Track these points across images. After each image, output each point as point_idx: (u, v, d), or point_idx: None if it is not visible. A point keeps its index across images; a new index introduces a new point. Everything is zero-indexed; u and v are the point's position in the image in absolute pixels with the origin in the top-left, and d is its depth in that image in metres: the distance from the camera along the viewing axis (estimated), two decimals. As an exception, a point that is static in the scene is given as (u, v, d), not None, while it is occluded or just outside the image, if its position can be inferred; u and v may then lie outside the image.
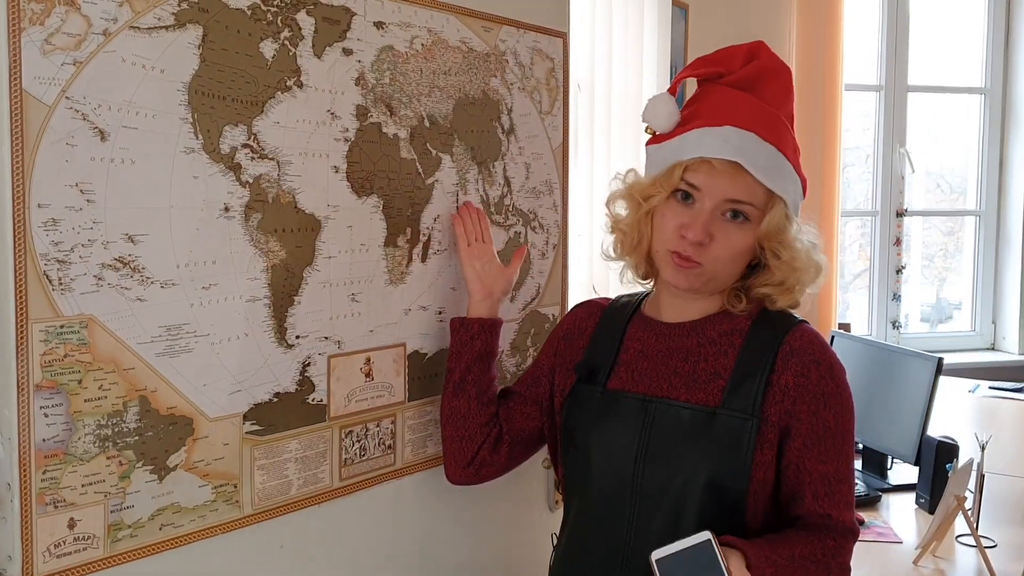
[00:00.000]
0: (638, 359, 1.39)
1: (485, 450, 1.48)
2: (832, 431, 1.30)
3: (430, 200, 1.52)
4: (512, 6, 1.65)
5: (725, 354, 1.33)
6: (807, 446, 1.29)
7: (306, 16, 1.30)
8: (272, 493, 1.32)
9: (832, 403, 1.31)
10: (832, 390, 1.31)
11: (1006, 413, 3.45)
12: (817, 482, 1.29)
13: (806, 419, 1.29)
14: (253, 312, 1.26)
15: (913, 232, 4.52)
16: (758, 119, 1.30)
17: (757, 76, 1.34)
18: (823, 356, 1.32)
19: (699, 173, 1.29)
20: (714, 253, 1.29)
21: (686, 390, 1.33)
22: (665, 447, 1.30)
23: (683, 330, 1.37)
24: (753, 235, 1.31)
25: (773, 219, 1.30)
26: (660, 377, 1.35)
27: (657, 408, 1.33)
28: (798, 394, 1.29)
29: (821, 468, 1.29)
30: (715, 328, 1.36)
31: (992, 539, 2.13)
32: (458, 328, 1.51)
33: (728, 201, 1.29)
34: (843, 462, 1.31)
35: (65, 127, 1.04)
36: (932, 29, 4.50)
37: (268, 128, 1.26)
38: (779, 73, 1.36)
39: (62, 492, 1.07)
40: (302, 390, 1.34)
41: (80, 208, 1.06)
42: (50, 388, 1.05)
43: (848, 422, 1.33)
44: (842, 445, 1.31)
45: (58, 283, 1.05)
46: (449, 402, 1.49)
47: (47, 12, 1.02)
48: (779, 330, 1.34)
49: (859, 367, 2.78)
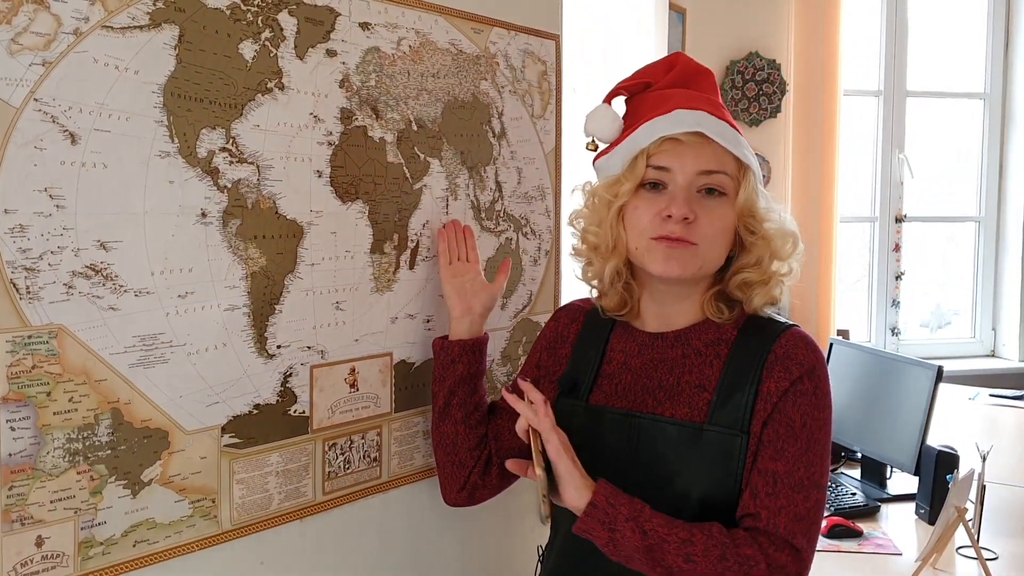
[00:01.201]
0: (621, 372, 1.34)
1: (476, 474, 1.43)
2: (795, 431, 1.21)
3: (418, 206, 1.48)
4: (503, 7, 1.62)
5: (711, 365, 1.28)
6: (765, 442, 1.21)
7: (288, 16, 1.26)
8: (252, 508, 1.28)
9: (802, 402, 1.22)
10: (806, 389, 1.23)
11: (1007, 421, 3.42)
12: (760, 478, 1.20)
13: (773, 415, 1.22)
14: (232, 321, 1.22)
15: (912, 238, 4.48)
16: (700, 102, 1.30)
17: (683, 78, 1.35)
18: (806, 358, 1.24)
19: (665, 153, 1.26)
20: (703, 231, 1.24)
21: (671, 404, 1.28)
22: (651, 466, 1.26)
23: (667, 341, 1.32)
24: (733, 210, 1.27)
25: (748, 189, 1.27)
26: (644, 391, 1.31)
27: (642, 424, 1.28)
28: (778, 398, 1.22)
29: (770, 465, 1.20)
30: (700, 338, 1.31)
31: (993, 551, 2.10)
32: (439, 350, 1.45)
33: (701, 174, 1.25)
34: (801, 467, 1.19)
35: (33, 130, 1.01)
36: (931, 34, 4.47)
37: (248, 132, 1.22)
38: (703, 73, 1.37)
39: (29, 509, 1.03)
40: (283, 401, 1.30)
41: (49, 214, 1.03)
42: (17, 401, 1.01)
43: (818, 429, 1.22)
44: (804, 451, 1.20)
45: (26, 291, 1.01)
46: (436, 427, 1.45)
47: (14, 10, 0.98)
48: (767, 338, 1.27)
49: (858, 375, 2.75)
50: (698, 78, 1.36)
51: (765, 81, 3.97)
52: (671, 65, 1.37)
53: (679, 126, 1.26)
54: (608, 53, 2.76)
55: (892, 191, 4.38)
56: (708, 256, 1.26)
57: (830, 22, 3.99)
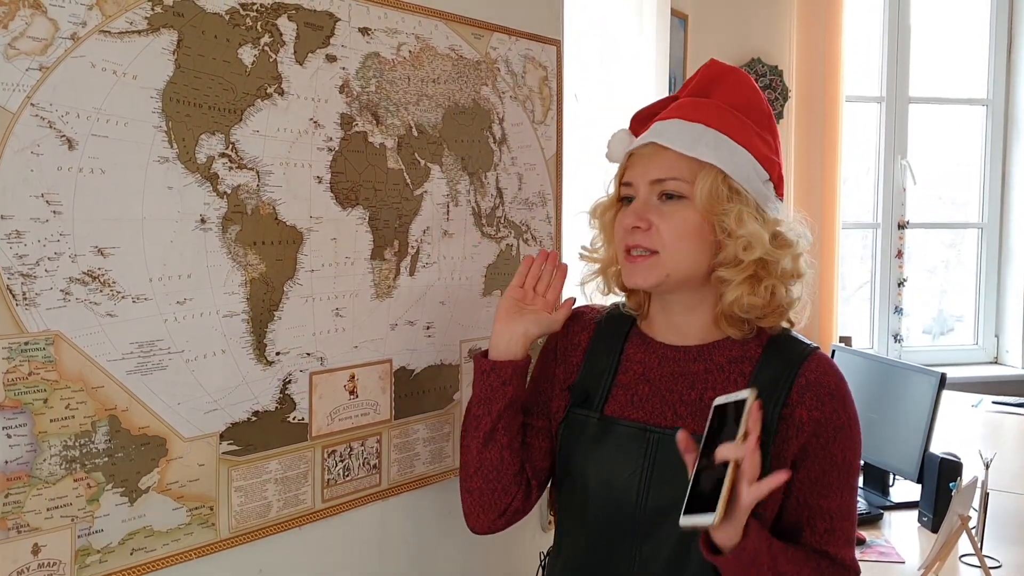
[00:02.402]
0: (638, 383, 1.32)
1: (519, 499, 1.37)
2: (839, 466, 1.24)
3: (419, 212, 1.48)
4: (504, 13, 1.61)
5: (735, 383, 1.25)
6: (812, 480, 1.24)
7: (287, 21, 1.26)
8: (250, 515, 1.27)
9: (842, 436, 1.24)
10: (844, 423, 1.25)
11: (1010, 428, 3.40)
12: (817, 517, 1.24)
13: (814, 453, 1.23)
14: (231, 328, 1.22)
15: (915, 245, 4.48)
16: (684, 108, 1.30)
17: (702, 86, 1.34)
18: (838, 388, 1.26)
19: (629, 168, 1.31)
20: (662, 237, 1.24)
21: (692, 420, 1.25)
22: (671, 482, 1.22)
23: (689, 355, 1.30)
24: (694, 210, 1.24)
25: (705, 186, 1.23)
26: (664, 405, 1.28)
27: (660, 439, 1.25)
28: (812, 429, 1.23)
29: (823, 503, 1.24)
30: (724, 354, 1.29)
31: (997, 559, 2.09)
32: (487, 371, 1.35)
33: (654, 183, 1.26)
34: (847, 496, 1.26)
35: (30, 135, 1.00)
36: (934, 40, 4.46)
37: (247, 137, 1.22)
38: (723, 74, 1.34)
39: (26, 516, 1.02)
40: (282, 408, 1.30)
41: (46, 220, 1.02)
42: (13, 407, 1.01)
43: (855, 457, 1.27)
44: (847, 479, 1.26)
45: (22, 298, 1.01)
46: (479, 454, 1.35)
47: (11, 15, 0.98)
48: (794, 359, 1.26)
49: (860, 382, 2.74)
50: (718, 81, 1.33)
51: (767, 87, 3.96)
52: (696, 75, 1.36)
53: (639, 140, 1.30)
54: (609, 59, 2.75)
55: (894, 197, 4.38)
56: (673, 261, 1.25)
57: (832, 28, 3.99)
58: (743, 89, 1.33)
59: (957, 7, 4.55)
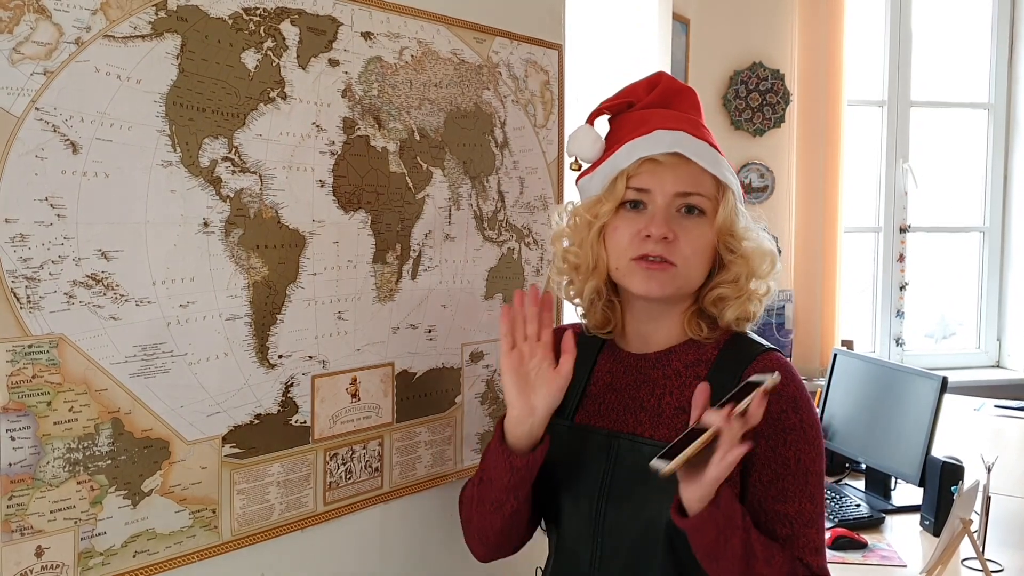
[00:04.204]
0: (606, 392, 1.33)
1: (527, 536, 1.40)
2: (792, 469, 1.21)
3: (421, 215, 1.48)
4: (505, 17, 1.62)
5: (690, 387, 1.24)
6: (764, 483, 1.21)
7: (290, 26, 1.26)
8: (253, 518, 1.27)
9: (792, 439, 1.21)
10: (793, 424, 1.21)
11: (1012, 432, 3.40)
12: (776, 523, 1.21)
13: (763, 454, 1.21)
14: (233, 331, 1.22)
15: (917, 248, 4.47)
16: (681, 121, 1.30)
17: (665, 97, 1.34)
18: (786, 388, 1.21)
19: (644, 174, 1.26)
20: (682, 251, 1.23)
21: (651, 426, 1.26)
22: (627, 487, 1.24)
23: (648, 361, 1.31)
24: (712, 229, 1.26)
25: (727, 209, 1.26)
26: (627, 411, 1.29)
27: (622, 445, 1.26)
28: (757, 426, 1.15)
29: (780, 508, 1.21)
30: (680, 359, 1.29)
31: (999, 563, 2.09)
32: (521, 467, 1.27)
33: (679, 195, 1.25)
34: (806, 502, 1.21)
35: (35, 139, 1.01)
36: (935, 44, 4.46)
37: (250, 141, 1.22)
38: (684, 92, 1.36)
39: (29, 519, 1.03)
40: (285, 411, 1.30)
41: (50, 223, 1.03)
42: (17, 410, 1.01)
43: (812, 460, 1.22)
44: (804, 485, 1.21)
45: (26, 301, 1.01)
46: (501, 526, 1.33)
47: (16, 20, 0.98)
48: (743, 359, 1.26)
49: (862, 386, 2.74)
50: (680, 97, 1.34)
51: (769, 91, 3.96)
52: (653, 84, 1.35)
53: (658, 146, 1.26)
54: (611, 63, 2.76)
55: (896, 201, 4.38)
56: (687, 275, 1.26)
57: (834, 32, 3.99)
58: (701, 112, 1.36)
59: (959, 10, 4.55)
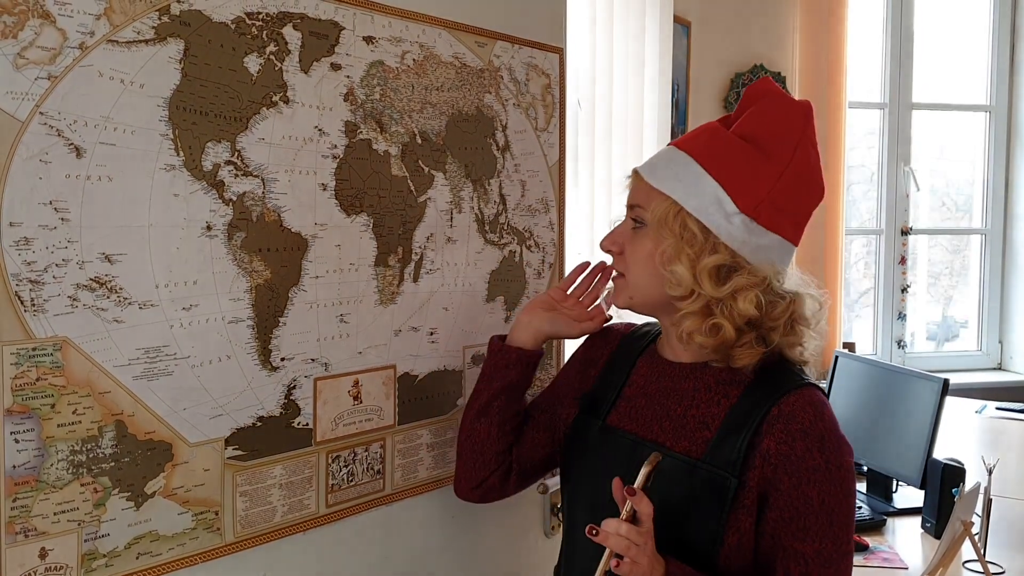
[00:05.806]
0: (638, 396, 1.33)
1: (495, 478, 1.44)
2: (815, 509, 1.17)
3: (423, 218, 1.49)
4: (506, 21, 1.62)
5: (718, 403, 1.24)
6: (783, 520, 1.18)
7: (292, 30, 1.27)
8: (255, 520, 1.28)
9: (817, 478, 1.17)
10: (818, 464, 1.18)
11: (1013, 434, 3.40)
12: (791, 560, 1.18)
13: (785, 491, 1.18)
14: (236, 334, 1.23)
15: (918, 251, 4.48)
16: (690, 136, 1.31)
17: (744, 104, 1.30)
18: (813, 427, 1.19)
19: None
20: (627, 261, 1.31)
21: (673, 436, 1.26)
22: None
23: (683, 371, 1.30)
24: (650, 238, 1.26)
25: (655, 215, 1.24)
26: (653, 419, 1.29)
27: (644, 452, 1.24)
28: (779, 462, 1.17)
29: (798, 546, 1.18)
30: (715, 375, 1.27)
31: (1000, 565, 2.09)
32: (496, 352, 1.44)
33: (627, 208, 1.32)
34: (828, 543, 1.18)
35: (39, 143, 1.01)
36: (936, 46, 4.47)
37: (253, 145, 1.23)
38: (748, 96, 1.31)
39: (33, 521, 1.03)
40: (287, 414, 1.30)
41: (54, 227, 1.03)
42: (21, 413, 1.02)
43: (838, 500, 1.19)
44: (828, 526, 1.18)
45: (30, 304, 1.02)
46: (471, 423, 1.43)
47: (20, 25, 0.99)
48: (775, 390, 1.22)
49: (864, 388, 2.74)
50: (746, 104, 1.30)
51: (770, 94, 3.96)
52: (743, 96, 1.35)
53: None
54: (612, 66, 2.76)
55: (898, 203, 4.38)
56: (636, 285, 1.30)
57: (835, 35, 4.00)
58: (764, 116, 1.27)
59: (959, 13, 4.56)
